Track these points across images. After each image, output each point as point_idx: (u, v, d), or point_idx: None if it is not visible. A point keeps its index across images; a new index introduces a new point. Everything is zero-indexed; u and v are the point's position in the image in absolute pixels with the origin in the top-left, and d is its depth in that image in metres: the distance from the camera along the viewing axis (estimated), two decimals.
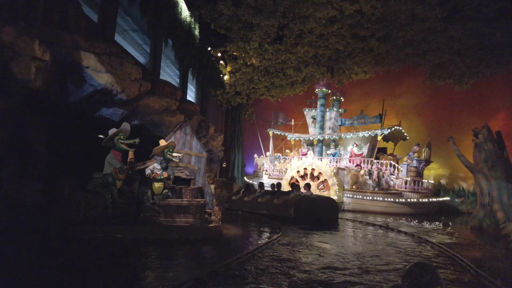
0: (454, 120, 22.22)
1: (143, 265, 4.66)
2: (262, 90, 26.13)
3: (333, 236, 8.38)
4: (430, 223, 12.49)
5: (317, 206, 10.02)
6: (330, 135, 19.13)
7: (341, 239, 8.14)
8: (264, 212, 11.33)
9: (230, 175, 25.91)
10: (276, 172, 20.18)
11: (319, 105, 20.54)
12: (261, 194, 12.33)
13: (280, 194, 11.75)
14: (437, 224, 12.31)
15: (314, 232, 8.76)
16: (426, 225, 11.98)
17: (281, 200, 11.16)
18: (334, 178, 16.72)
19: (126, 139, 7.00)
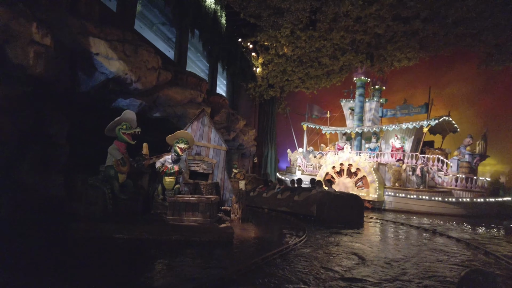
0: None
1: (119, 274, 3.89)
2: (296, 82, 24.92)
3: (366, 238, 7.18)
4: (488, 228, 10.71)
5: (341, 204, 9.38)
6: (370, 128, 17.54)
7: (381, 244, 6.91)
8: (284, 209, 10.60)
9: (263, 171, 25.05)
10: (310, 168, 18.96)
11: (357, 95, 18.96)
12: (280, 191, 11.49)
13: (301, 190, 10.89)
14: (497, 230, 10.52)
15: (343, 232, 7.61)
16: (482, 230, 10.25)
17: (303, 197, 10.38)
18: (374, 174, 15.22)
19: (130, 129, 6.32)
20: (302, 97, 27.16)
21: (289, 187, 11.98)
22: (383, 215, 13.18)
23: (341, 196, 9.74)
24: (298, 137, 23.31)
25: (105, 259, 4.45)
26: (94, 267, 4.10)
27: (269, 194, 11.72)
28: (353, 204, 9.59)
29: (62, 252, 4.66)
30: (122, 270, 4.04)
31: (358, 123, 18.62)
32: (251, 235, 6.89)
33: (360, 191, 15.59)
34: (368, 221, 10.70)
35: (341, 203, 9.37)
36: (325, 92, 26.97)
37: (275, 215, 10.36)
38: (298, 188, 11.47)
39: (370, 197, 15.09)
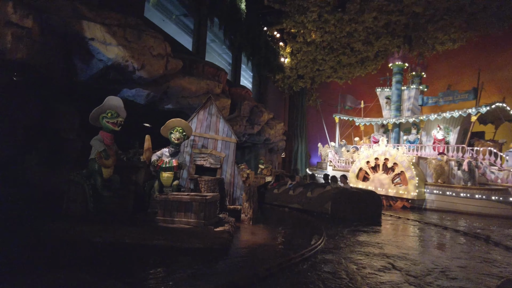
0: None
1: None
2: (328, 71, 23.39)
3: (399, 242, 5.88)
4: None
5: (357, 201, 8.86)
6: (409, 118, 15.75)
7: (421, 252, 5.61)
8: (296, 206, 9.90)
9: (293, 167, 23.86)
10: (341, 163, 17.52)
11: (394, 83, 17.18)
12: (292, 187, 10.68)
13: (315, 186, 10.12)
14: None
15: (366, 234, 6.35)
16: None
17: (316, 193, 9.61)
18: (413, 169, 13.54)
19: (117, 117, 5.55)
20: (335, 88, 25.54)
21: (302, 183, 11.18)
22: (422, 216, 11.57)
23: (357, 193, 9.09)
24: (330, 130, 21.84)
25: (59, 268, 3.66)
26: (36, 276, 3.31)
27: (281, 190, 10.83)
28: (370, 201, 9.09)
29: (20, 255, 3.95)
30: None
31: (396, 113, 16.85)
32: (258, 239, 5.86)
33: (397, 188, 13.97)
34: (405, 223, 9.26)
35: (357, 200, 8.83)
36: (360, 82, 25.19)
37: (288, 213, 9.48)
38: (311, 184, 10.72)
39: (409, 195, 13.45)
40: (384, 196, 14.49)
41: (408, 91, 17.28)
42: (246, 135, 16.86)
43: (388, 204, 14.41)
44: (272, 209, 10.11)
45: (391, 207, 14.18)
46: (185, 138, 6.67)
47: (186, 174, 7.63)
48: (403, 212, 12.37)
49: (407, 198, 13.64)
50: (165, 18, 15.83)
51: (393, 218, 10.22)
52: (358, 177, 15.51)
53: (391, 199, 14.35)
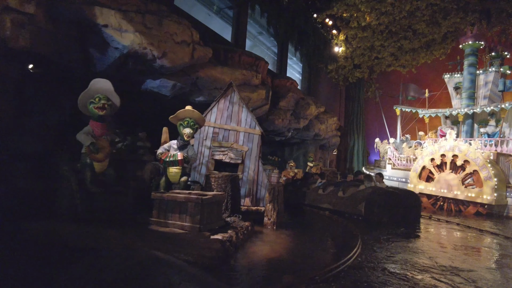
0: None
1: None
2: (388, 59, 21.05)
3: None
4: None
5: (396, 202, 7.96)
6: (485, 107, 13.17)
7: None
8: (326, 206, 9.13)
9: (348, 165, 22.00)
10: (402, 161, 15.43)
11: (466, 66, 14.57)
12: (322, 185, 9.91)
13: (347, 185, 9.39)
14: None
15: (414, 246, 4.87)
16: None
17: (349, 193, 8.88)
18: (490, 168, 11.19)
19: (105, 102, 4.93)
20: (397, 78, 22.93)
21: (332, 181, 10.49)
22: (504, 226, 9.36)
23: (394, 193, 8.30)
24: (390, 124, 19.60)
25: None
26: None
27: (311, 188, 10.13)
28: (409, 203, 8.33)
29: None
30: None
31: (468, 101, 14.27)
32: (271, 251, 4.81)
33: (469, 190, 11.68)
34: (454, 229, 7.42)
35: (394, 201, 7.99)
36: (425, 70, 22.31)
37: (319, 215, 8.60)
38: (342, 182, 10.05)
39: (484, 199, 11.13)
40: (452, 199, 12.29)
41: (485, 75, 14.53)
42: (291, 130, 15.69)
43: (458, 209, 12.17)
44: (301, 210, 9.17)
45: (460, 213, 11.94)
46: (195, 131, 5.86)
47: (204, 170, 6.85)
48: (473, 220, 10.18)
49: (481, 203, 11.32)
50: (210, 12, 15.44)
51: (448, 225, 8.33)
52: (420, 177, 13.43)
53: (461, 203, 12.10)
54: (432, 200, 13.01)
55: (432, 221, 9.33)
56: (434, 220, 9.36)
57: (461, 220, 10.03)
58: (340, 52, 20.73)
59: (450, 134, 12.61)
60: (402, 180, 14.61)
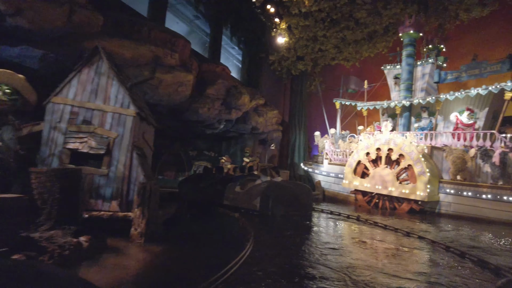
0: None
1: None
2: (332, 52, 20.19)
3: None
4: None
5: (290, 196, 7.96)
6: (422, 99, 12.56)
7: None
8: (226, 203, 8.54)
9: (290, 161, 20.94)
10: (339, 156, 14.53)
11: (404, 57, 13.95)
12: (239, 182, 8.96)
13: (246, 180, 8.78)
14: None
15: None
16: None
17: (246, 188, 8.36)
18: (423, 162, 10.46)
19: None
20: (342, 71, 22.23)
21: (230, 176, 9.94)
22: (428, 226, 8.55)
23: (288, 187, 8.29)
24: (332, 118, 18.78)
25: None
26: None
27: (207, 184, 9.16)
28: (302, 196, 8.37)
29: None
30: None
31: (406, 93, 13.65)
32: (122, 277, 3.19)
33: (403, 186, 10.91)
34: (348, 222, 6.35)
35: (288, 195, 7.97)
36: (369, 65, 21.77)
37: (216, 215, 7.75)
38: (241, 176, 9.33)
39: (418, 195, 10.38)
40: (387, 196, 11.47)
41: (422, 67, 14.02)
42: (223, 121, 14.15)
43: (392, 207, 11.38)
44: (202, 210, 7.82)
45: (395, 210, 11.15)
46: (14, 103, 4.05)
47: (57, 162, 5.04)
48: (409, 218, 9.33)
49: (415, 200, 10.58)
50: None
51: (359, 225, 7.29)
52: (355, 173, 12.53)
53: (396, 200, 11.32)
54: (367, 198, 12.16)
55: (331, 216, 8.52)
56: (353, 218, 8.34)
57: (382, 219, 9.12)
58: (283, 43, 19.54)
59: (386, 126, 11.81)
60: (339, 176, 13.69)
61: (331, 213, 9.10)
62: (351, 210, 10.99)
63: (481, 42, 16.96)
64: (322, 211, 9.45)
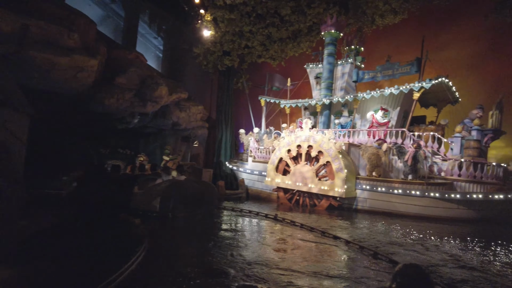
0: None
1: None
2: (259, 49, 19.92)
3: None
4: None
5: (193, 196, 7.37)
6: (341, 97, 12.81)
7: None
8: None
9: (216, 159, 20.19)
10: (262, 153, 14.19)
11: (325, 55, 14.13)
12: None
13: (145, 180, 8.29)
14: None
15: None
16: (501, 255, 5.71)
17: (144, 188, 7.72)
18: (341, 159, 10.52)
19: None
20: (270, 69, 22.14)
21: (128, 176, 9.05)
22: (343, 222, 8.51)
23: (191, 186, 7.62)
24: (258, 116, 18.46)
25: None
26: None
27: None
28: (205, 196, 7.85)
29: None
30: None
31: (326, 92, 13.83)
32: None
33: (322, 183, 10.88)
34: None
35: (191, 195, 7.40)
36: (295, 65, 22.00)
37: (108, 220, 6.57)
38: (139, 176, 8.73)
39: (336, 191, 10.41)
40: (307, 193, 11.36)
41: (342, 67, 14.38)
42: (137, 115, 12.82)
43: (312, 203, 11.31)
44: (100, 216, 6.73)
45: (315, 207, 11.08)
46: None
47: None
48: (328, 216, 9.23)
49: (333, 196, 10.60)
50: None
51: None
52: (277, 170, 12.25)
53: (316, 197, 11.26)
54: (288, 195, 11.96)
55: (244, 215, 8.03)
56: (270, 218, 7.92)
57: (301, 217, 8.91)
58: (208, 36, 18.68)
59: (306, 123, 11.71)
60: (262, 174, 13.32)
61: (246, 212, 8.57)
62: (272, 208, 10.65)
63: (394, 47, 18.15)
64: (235, 209, 8.89)
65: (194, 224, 6.56)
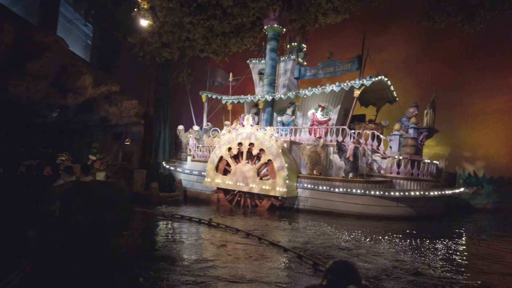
0: (458, 78, 16.05)
1: None
2: (201, 43, 18.88)
3: None
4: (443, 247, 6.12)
5: (101, 198, 6.10)
6: (283, 94, 12.40)
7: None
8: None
9: (153, 159, 18.75)
10: (203, 152, 13.29)
11: (268, 50, 13.66)
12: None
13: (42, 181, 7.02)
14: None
15: None
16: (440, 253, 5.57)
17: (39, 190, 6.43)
18: (283, 157, 10.04)
19: None
20: (213, 65, 21.18)
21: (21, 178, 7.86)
22: (283, 223, 8.01)
23: (98, 189, 6.62)
24: (200, 113, 17.44)
25: None
26: None
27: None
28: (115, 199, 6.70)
29: None
30: None
31: (269, 88, 13.34)
32: None
33: (263, 183, 10.31)
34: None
35: (98, 198, 6.26)
36: (238, 61, 21.36)
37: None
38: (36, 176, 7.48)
39: (277, 191, 9.91)
40: (248, 194, 10.73)
41: (285, 63, 14.03)
42: (55, 107, 11.16)
43: (254, 204, 10.71)
44: None
45: (257, 208, 10.49)
46: None
47: None
48: (267, 217, 8.64)
49: (275, 196, 10.09)
50: None
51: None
52: (217, 170, 11.45)
53: (257, 197, 10.68)
54: (229, 196, 11.22)
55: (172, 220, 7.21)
56: (204, 224, 7.14)
57: (240, 220, 8.25)
58: (146, 25, 17.23)
59: (247, 119, 11.08)
60: (202, 174, 12.42)
61: (178, 217, 7.66)
62: (210, 211, 9.84)
63: (336, 47, 18.34)
64: (165, 214, 7.96)
65: (99, 231, 5.51)
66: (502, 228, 9.42)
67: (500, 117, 14.69)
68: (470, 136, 15.45)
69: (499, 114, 14.79)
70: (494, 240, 7.29)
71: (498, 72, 14.85)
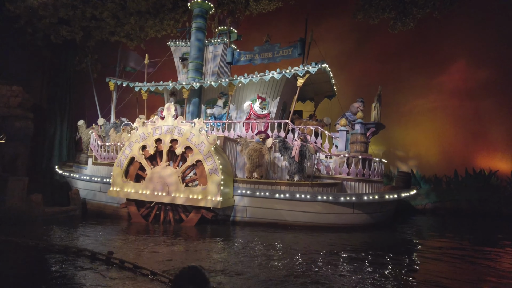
0: (391, 76, 15.85)
1: None
2: (111, 24, 15.59)
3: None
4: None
5: None
6: (214, 81, 10.25)
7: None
8: None
9: (46, 162, 14.83)
10: (110, 153, 10.35)
11: (194, 30, 11.34)
12: None
13: None
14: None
15: None
16: None
17: None
18: (215, 157, 7.88)
19: None
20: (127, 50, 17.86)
21: None
22: (215, 245, 5.93)
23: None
24: (107, 106, 14.17)
25: None
26: None
27: None
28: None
29: None
30: None
31: (195, 75, 11.03)
32: None
33: (190, 190, 8.01)
34: None
35: None
36: (157, 49, 18.45)
37: None
38: None
39: (209, 200, 7.71)
40: (170, 205, 8.32)
41: (214, 47, 11.89)
42: None
43: (178, 218, 8.34)
44: None
45: (182, 223, 8.14)
46: None
47: None
48: (181, 238, 6.37)
49: (205, 207, 7.87)
50: None
51: None
52: (128, 175, 8.76)
53: (183, 209, 8.32)
54: (144, 210, 8.60)
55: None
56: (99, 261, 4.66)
57: (151, 248, 5.92)
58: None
59: (169, 109, 8.65)
60: (106, 181, 9.54)
61: (55, 250, 4.99)
62: (117, 232, 7.20)
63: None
64: (30, 243, 5.20)
65: None
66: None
67: (430, 116, 14.82)
68: (403, 134, 15.34)
69: (429, 113, 14.92)
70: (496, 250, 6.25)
71: (427, 72, 14.99)
